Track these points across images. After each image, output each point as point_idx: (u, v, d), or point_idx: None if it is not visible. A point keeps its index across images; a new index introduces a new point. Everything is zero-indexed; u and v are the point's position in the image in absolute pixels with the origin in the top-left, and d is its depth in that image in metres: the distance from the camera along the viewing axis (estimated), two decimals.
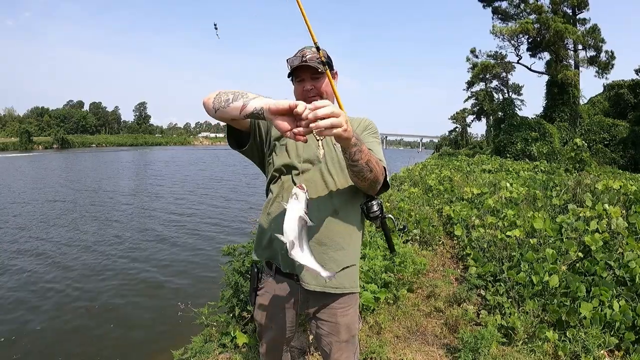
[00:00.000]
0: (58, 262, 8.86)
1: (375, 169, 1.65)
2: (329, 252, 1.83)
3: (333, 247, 1.84)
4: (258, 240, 2.00)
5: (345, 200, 1.86)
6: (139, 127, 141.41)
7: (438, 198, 10.17)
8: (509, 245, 5.44)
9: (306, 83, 1.87)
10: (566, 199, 7.80)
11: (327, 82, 1.86)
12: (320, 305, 1.91)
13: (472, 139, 62.13)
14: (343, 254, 1.86)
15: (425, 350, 3.84)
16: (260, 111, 1.47)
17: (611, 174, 17.40)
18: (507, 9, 33.90)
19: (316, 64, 1.80)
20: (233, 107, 1.57)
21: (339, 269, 1.83)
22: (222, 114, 1.64)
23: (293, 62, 1.85)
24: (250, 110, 1.52)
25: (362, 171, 1.60)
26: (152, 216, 14.21)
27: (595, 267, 4.44)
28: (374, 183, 1.71)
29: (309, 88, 1.86)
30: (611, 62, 31.59)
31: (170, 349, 3.99)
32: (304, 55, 1.84)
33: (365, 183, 1.69)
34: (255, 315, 2.06)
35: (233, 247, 4.37)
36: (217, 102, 1.63)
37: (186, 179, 27.00)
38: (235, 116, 1.59)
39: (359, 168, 1.59)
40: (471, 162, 22.69)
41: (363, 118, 2.04)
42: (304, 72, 1.85)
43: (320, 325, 1.94)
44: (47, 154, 60.15)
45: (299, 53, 1.89)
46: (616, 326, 3.67)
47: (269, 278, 1.98)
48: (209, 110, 1.68)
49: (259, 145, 1.94)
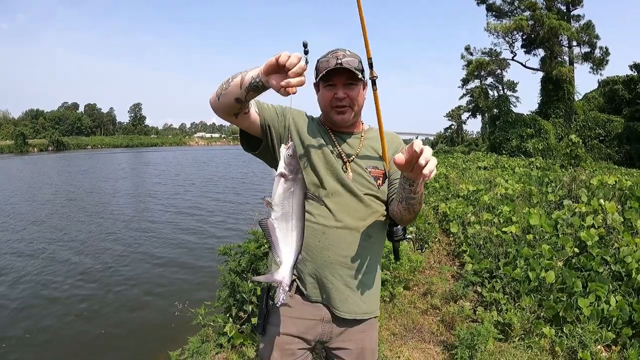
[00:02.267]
0: (53, 263, 8.81)
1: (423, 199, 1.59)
2: (359, 276, 1.72)
3: (365, 272, 1.73)
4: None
5: (376, 225, 1.74)
6: (134, 128, 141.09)
7: (434, 195, 10.17)
8: (505, 241, 5.44)
9: (338, 90, 1.65)
10: (562, 194, 7.81)
11: (361, 92, 1.71)
12: (346, 333, 1.77)
13: (467, 136, 62.11)
14: (372, 277, 1.78)
15: (421, 347, 3.84)
16: (257, 78, 1.37)
17: (606, 170, 17.44)
18: (501, 6, 33.89)
19: (353, 69, 1.61)
20: (233, 85, 1.45)
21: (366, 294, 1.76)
22: (225, 98, 1.49)
23: (327, 63, 1.64)
24: (248, 80, 1.40)
25: (417, 204, 1.55)
26: (146, 216, 14.13)
27: (592, 263, 4.45)
28: (417, 215, 1.66)
29: (342, 96, 1.65)
30: (605, 58, 31.67)
31: (167, 349, 3.99)
32: (338, 57, 1.63)
33: (412, 215, 1.62)
34: (263, 350, 1.80)
35: (229, 246, 4.36)
36: (219, 88, 1.51)
37: (181, 179, 26.92)
38: (237, 94, 1.45)
39: (416, 200, 1.54)
40: (467, 159, 22.71)
41: (393, 133, 1.88)
42: (337, 77, 1.64)
43: (344, 355, 1.79)
44: (42, 156, 59.92)
45: (331, 54, 1.67)
46: (613, 321, 3.68)
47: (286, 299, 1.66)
48: (213, 103, 1.55)
49: (272, 151, 1.73)
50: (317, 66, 1.71)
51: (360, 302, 1.73)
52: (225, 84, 1.48)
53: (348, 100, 1.66)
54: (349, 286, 1.71)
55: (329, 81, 1.66)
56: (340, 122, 1.71)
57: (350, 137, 1.78)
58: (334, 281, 1.69)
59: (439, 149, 44.81)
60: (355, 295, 1.72)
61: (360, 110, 1.75)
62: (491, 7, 34.19)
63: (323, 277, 1.69)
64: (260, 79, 1.36)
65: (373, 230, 1.73)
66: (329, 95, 1.67)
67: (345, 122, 1.71)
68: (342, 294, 1.70)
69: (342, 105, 1.66)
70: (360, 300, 1.73)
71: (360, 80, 1.67)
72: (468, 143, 48.13)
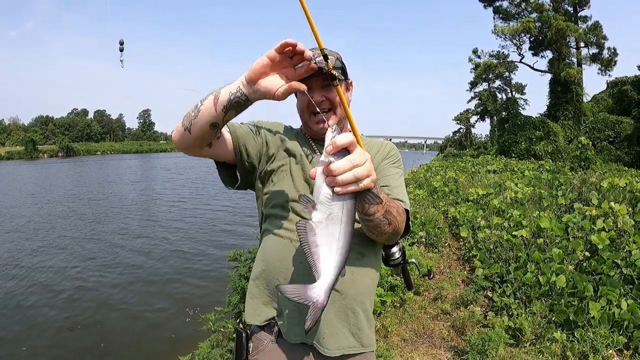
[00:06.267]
0: (65, 266, 8.90)
1: (395, 220, 1.27)
2: (353, 304, 1.45)
3: (359, 299, 1.46)
4: (253, 295, 1.52)
5: (369, 242, 1.44)
6: (144, 134, 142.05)
7: (443, 200, 10.16)
8: (515, 245, 5.43)
9: (315, 93, 1.45)
10: (572, 197, 7.77)
11: (344, 94, 1.42)
12: None
13: (476, 139, 61.84)
14: (368, 304, 1.52)
15: (432, 353, 3.84)
16: (238, 92, 1.19)
17: (617, 172, 17.33)
18: (508, 9, 33.85)
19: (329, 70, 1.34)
20: (205, 108, 1.24)
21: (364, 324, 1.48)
22: (197, 128, 1.27)
23: None
24: (225, 97, 1.20)
25: (378, 226, 1.24)
26: (155, 222, 14.22)
27: (603, 266, 4.43)
28: (393, 235, 1.34)
29: (319, 100, 1.46)
30: (614, 58, 31.48)
31: (177, 354, 4.00)
32: (313, 56, 1.35)
33: (382, 237, 1.33)
34: None
35: (239, 252, 4.38)
36: (185, 119, 1.29)
37: (190, 184, 27.05)
38: (212, 118, 1.24)
39: (375, 223, 1.22)
40: (476, 163, 22.65)
41: (381, 142, 1.65)
42: (313, 79, 1.41)
43: None
44: (51, 162, 60.42)
45: None
46: (624, 325, 3.66)
47: (266, 345, 1.48)
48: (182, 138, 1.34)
49: (249, 169, 1.52)
50: None
51: (350, 335, 1.46)
52: (193, 112, 1.28)
53: (328, 103, 1.47)
54: (340, 317, 1.43)
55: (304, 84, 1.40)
56: (321, 131, 1.49)
57: None
58: (324, 314, 1.33)
59: (448, 152, 44.73)
60: (346, 327, 1.45)
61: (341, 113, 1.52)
62: (498, 10, 34.14)
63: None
64: (243, 91, 1.19)
65: (366, 248, 1.47)
66: (306, 100, 1.46)
67: (325, 130, 1.37)
68: (332, 327, 1.42)
69: (322, 108, 1.46)
70: (350, 333, 1.46)
71: (342, 80, 1.46)
72: (477, 146, 47.95)
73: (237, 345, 1.52)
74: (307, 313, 1.11)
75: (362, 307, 1.47)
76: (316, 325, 1.26)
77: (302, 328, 1.24)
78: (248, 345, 1.50)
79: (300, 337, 1.42)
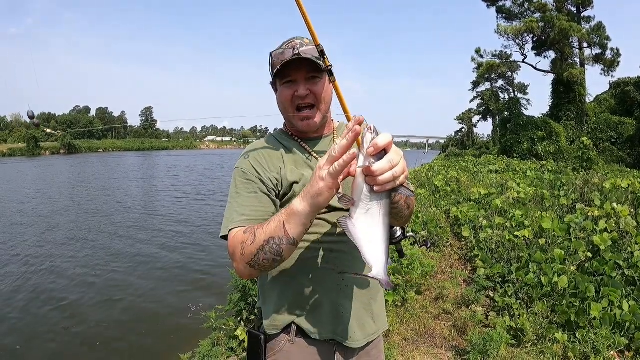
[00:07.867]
0: (67, 265, 8.91)
1: (412, 203, 1.33)
2: (375, 294, 1.51)
3: (377, 286, 1.49)
4: (270, 302, 1.46)
5: None
6: (146, 132, 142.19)
7: (445, 199, 10.15)
8: (517, 245, 5.42)
9: (299, 86, 1.35)
10: (574, 198, 7.76)
11: (327, 86, 1.38)
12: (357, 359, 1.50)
13: (478, 139, 61.81)
14: (382, 294, 1.58)
15: (433, 352, 3.83)
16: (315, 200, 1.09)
17: (619, 173, 17.28)
18: (511, 8, 33.77)
19: (315, 58, 1.29)
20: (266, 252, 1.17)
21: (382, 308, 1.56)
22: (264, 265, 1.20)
23: (283, 55, 1.32)
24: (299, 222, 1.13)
25: (401, 211, 1.27)
26: (158, 219, 14.24)
27: (605, 267, 4.42)
28: (409, 217, 1.38)
29: (304, 93, 1.35)
30: (617, 59, 31.39)
31: (178, 352, 4.01)
32: (295, 46, 1.32)
33: (401, 221, 1.35)
34: None
35: None
36: (247, 259, 1.21)
37: (194, 181, 27.05)
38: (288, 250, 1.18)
39: (398, 209, 1.25)
40: (478, 163, 22.64)
41: None
42: (296, 71, 1.33)
43: None
44: (53, 158, 60.52)
45: (286, 44, 1.37)
46: (626, 326, 3.66)
47: (283, 345, 1.43)
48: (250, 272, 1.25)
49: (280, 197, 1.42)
50: (271, 61, 1.39)
51: (372, 322, 1.49)
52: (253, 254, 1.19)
53: (312, 97, 1.36)
54: (365, 308, 1.46)
55: (286, 77, 1.36)
56: (307, 128, 1.42)
57: (321, 141, 1.51)
58: (353, 307, 1.42)
59: (450, 152, 44.70)
60: (370, 316, 1.48)
61: (329, 108, 1.45)
62: (501, 9, 34.05)
63: (339, 306, 1.41)
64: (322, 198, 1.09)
65: None
66: (289, 94, 1.36)
67: (312, 128, 1.43)
68: (359, 319, 1.45)
69: (306, 102, 1.37)
70: (372, 320, 1.50)
71: (322, 72, 1.34)
72: (479, 146, 47.91)
73: (253, 348, 1.47)
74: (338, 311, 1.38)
75: (380, 293, 1.54)
76: (349, 322, 1.40)
77: (333, 326, 1.40)
78: (266, 348, 1.45)
79: (332, 334, 1.41)
